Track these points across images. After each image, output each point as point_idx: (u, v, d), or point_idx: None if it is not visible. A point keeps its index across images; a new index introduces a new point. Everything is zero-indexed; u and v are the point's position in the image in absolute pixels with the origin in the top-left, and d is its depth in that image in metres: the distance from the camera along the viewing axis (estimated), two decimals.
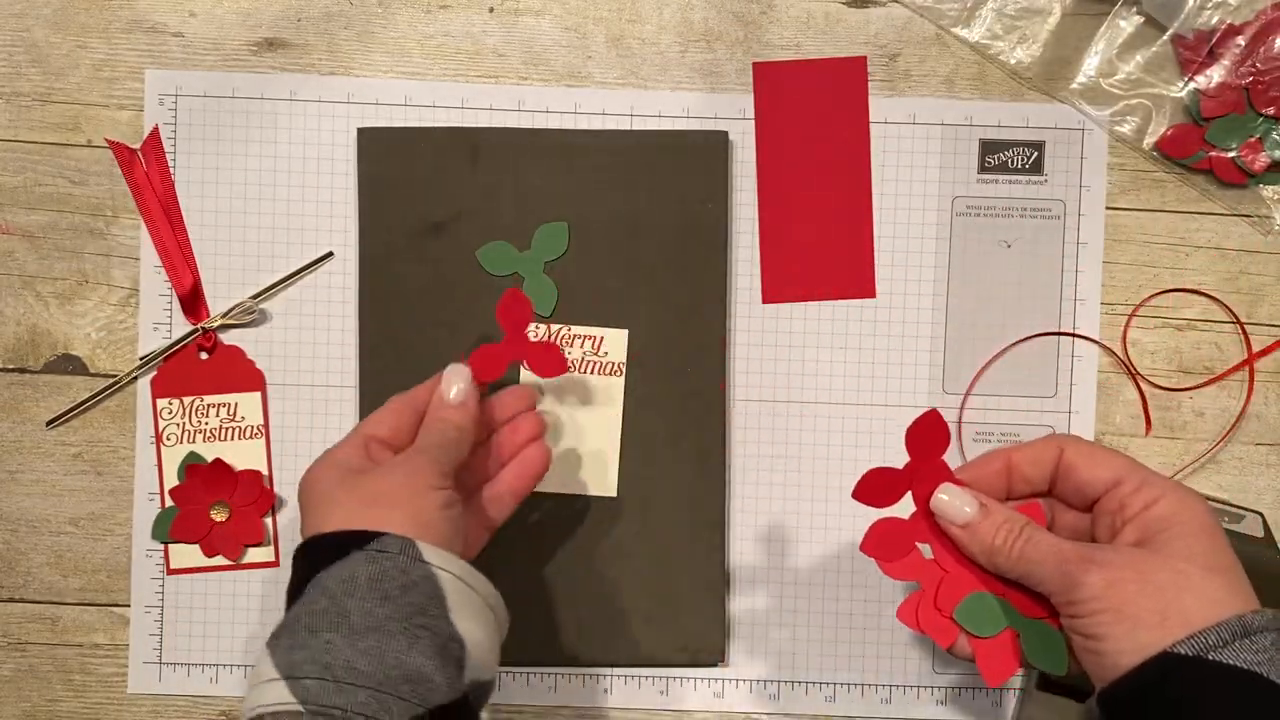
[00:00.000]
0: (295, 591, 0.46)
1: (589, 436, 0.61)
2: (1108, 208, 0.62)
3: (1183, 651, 0.39)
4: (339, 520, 0.47)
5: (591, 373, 0.61)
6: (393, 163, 0.61)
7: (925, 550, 0.48)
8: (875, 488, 0.48)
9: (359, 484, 0.48)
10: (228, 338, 0.62)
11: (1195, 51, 0.61)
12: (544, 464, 0.55)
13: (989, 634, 0.46)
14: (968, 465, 0.48)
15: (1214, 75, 0.61)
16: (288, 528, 0.62)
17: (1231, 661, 0.39)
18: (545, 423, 0.56)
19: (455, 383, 0.52)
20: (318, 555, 0.46)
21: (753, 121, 0.62)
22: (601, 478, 0.61)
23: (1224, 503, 0.59)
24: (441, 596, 0.45)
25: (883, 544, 0.48)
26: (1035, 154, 0.62)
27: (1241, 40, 0.60)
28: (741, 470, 0.62)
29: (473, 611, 0.46)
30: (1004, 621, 0.46)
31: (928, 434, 0.47)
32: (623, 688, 0.62)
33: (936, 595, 0.47)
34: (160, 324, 0.62)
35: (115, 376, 0.61)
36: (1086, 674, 0.43)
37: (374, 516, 0.46)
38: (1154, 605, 0.40)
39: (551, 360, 0.55)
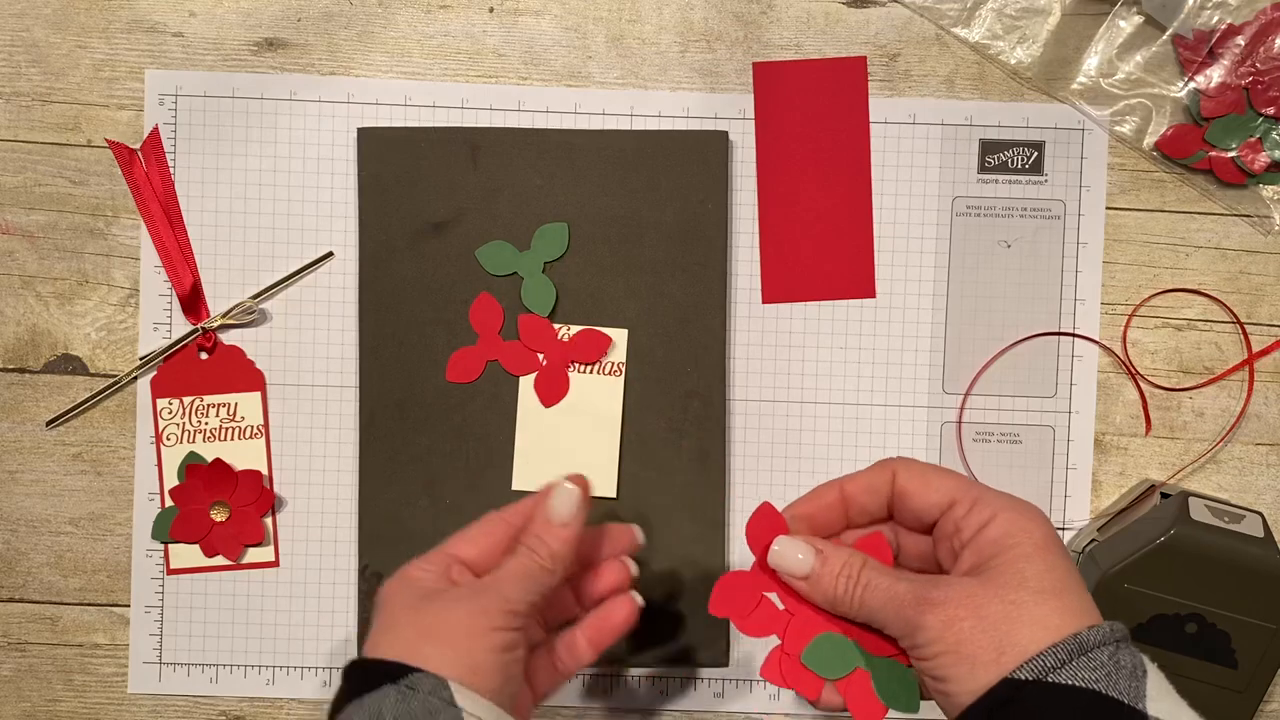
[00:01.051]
0: (332, 712, 0.44)
1: (589, 436, 0.61)
2: (1108, 208, 0.62)
3: (1022, 676, 0.39)
4: (390, 647, 0.44)
5: (591, 373, 0.61)
6: (393, 163, 0.61)
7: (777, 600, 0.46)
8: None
9: (422, 611, 0.45)
10: (228, 338, 0.62)
11: (1195, 51, 0.61)
12: (627, 620, 0.51)
13: (838, 675, 0.44)
14: (801, 500, 0.47)
15: (1214, 75, 0.61)
16: (287, 528, 0.62)
17: (1070, 681, 0.38)
18: (633, 573, 0.52)
19: (564, 501, 0.48)
20: (358, 681, 0.44)
21: (753, 121, 0.62)
22: (601, 478, 0.61)
23: (1224, 503, 0.59)
24: None
25: (731, 601, 0.46)
26: (1035, 154, 0.62)
27: (1241, 40, 0.60)
28: (741, 470, 0.62)
29: None
30: (854, 662, 0.44)
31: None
32: (623, 688, 0.62)
33: (790, 643, 0.45)
34: (160, 324, 0.62)
35: (115, 376, 0.61)
36: None
37: (422, 652, 0.43)
38: (989, 642, 0.40)
39: (523, 359, 0.60)
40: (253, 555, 0.62)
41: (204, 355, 0.61)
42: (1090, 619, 0.41)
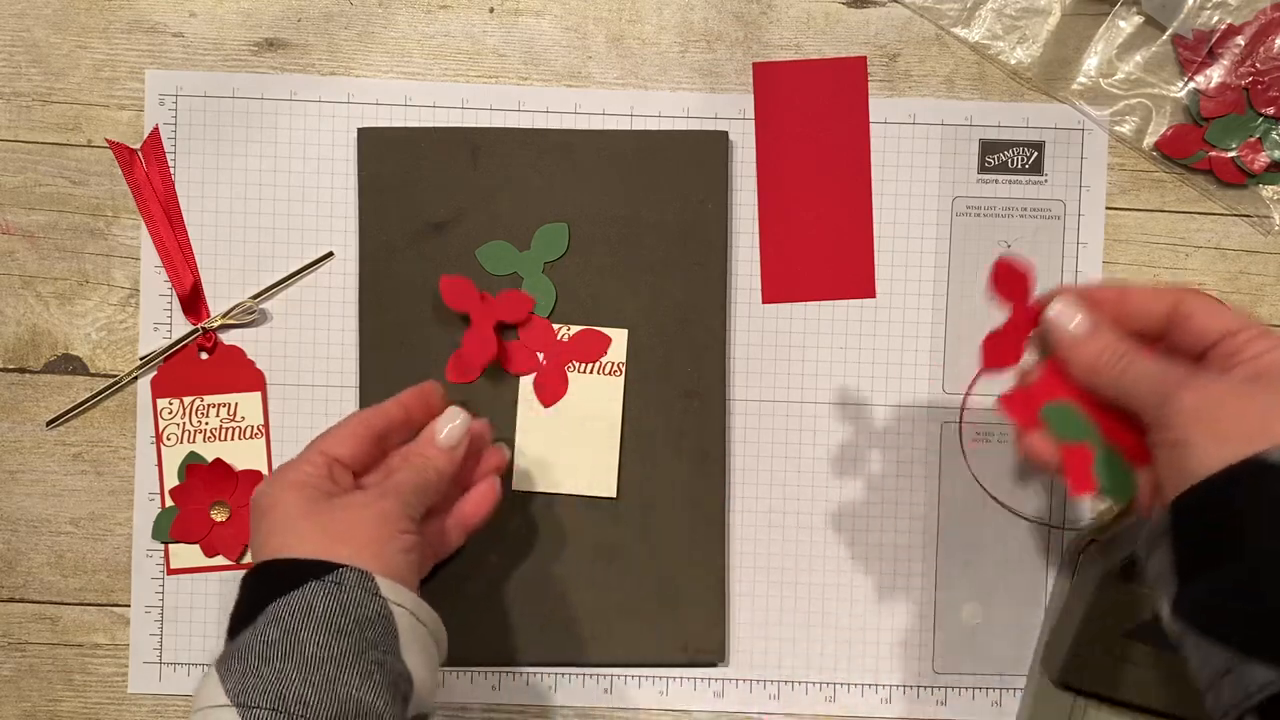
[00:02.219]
0: (243, 616, 0.46)
1: (589, 436, 0.61)
2: (1108, 208, 0.62)
3: (1274, 460, 0.38)
4: (299, 549, 0.46)
5: (591, 373, 0.61)
6: (393, 163, 0.61)
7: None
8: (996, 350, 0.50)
9: (325, 515, 0.48)
10: (228, 338, 0.62)
11: (1195, 51, 0.61)
12: (496, 500, 0.56)
13: (1067, 439, 0.46)
14: (1081, 286, 0.49)
15: (1214, 75, 0.61)
16: None
17: None
18: (506, 458, 0.58)
19: (451, 426, 0.53)
20: (272, 582, 0.46)
21: (753, 121, 0.62)
22: (601, 478, 0.61)
23: None
24: (395, 633, 0.46)
25: (994, 352, 0.50)
26: (1035, 154, 0.62)
27: (1241, 40, 0.60)
28: (741, 470, 0.62)
29: (420, 647, 0.47)
30: (1085, 435, 0.46)
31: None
32: (623, 688, 0.62)
33: (1032, 390, 0.48)
34: (160, 324, 0.62)
35: (115, 376, 0.62)
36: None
37: (337, 553, 0.46)
38: (1245, 427, 0.39)
39: (523, 359, 0.60)
40: None
41: (204, 355, 0.61)
42: None
